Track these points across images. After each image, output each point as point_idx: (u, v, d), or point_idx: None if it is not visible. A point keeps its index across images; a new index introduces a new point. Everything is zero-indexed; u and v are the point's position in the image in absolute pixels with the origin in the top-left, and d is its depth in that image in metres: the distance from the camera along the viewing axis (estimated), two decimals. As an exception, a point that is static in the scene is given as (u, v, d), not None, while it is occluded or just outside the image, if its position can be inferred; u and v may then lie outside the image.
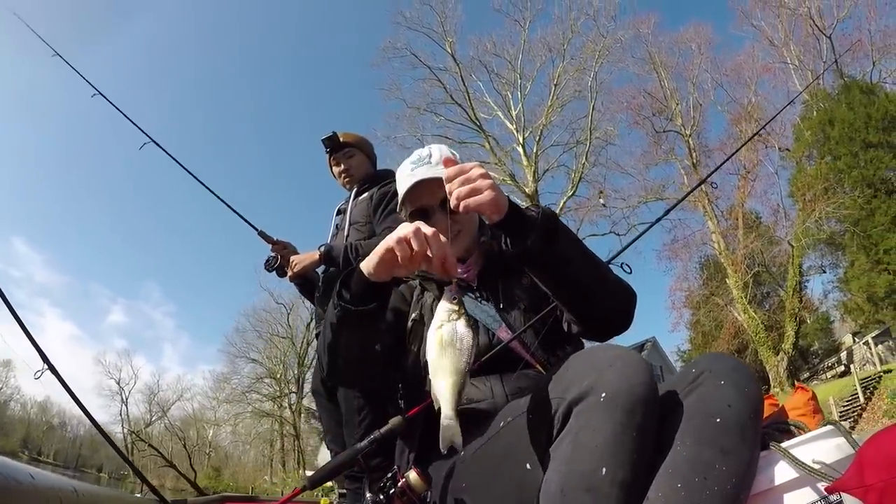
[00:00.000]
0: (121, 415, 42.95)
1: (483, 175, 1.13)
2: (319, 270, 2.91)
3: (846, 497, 0.91)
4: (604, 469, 0.89)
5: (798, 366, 28.99)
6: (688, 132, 29.22)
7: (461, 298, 1.07)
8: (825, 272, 29.22)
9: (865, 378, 19.41)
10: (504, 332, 1.41)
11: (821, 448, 0.99)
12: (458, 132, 30.59)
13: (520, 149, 29.57)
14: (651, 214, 29.33)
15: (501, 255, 1.48)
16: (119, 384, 43.80)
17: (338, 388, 2.51)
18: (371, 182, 2.88)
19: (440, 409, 1.01)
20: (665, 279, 29.36)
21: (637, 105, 30.10)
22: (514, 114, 30.22)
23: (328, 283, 2.77)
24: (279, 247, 2.93)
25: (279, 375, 40.33)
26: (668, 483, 0.92)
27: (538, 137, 29.82)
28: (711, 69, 30.25)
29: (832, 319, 33.63)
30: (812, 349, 33.79)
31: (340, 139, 2.98)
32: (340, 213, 2.99)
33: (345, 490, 2.45)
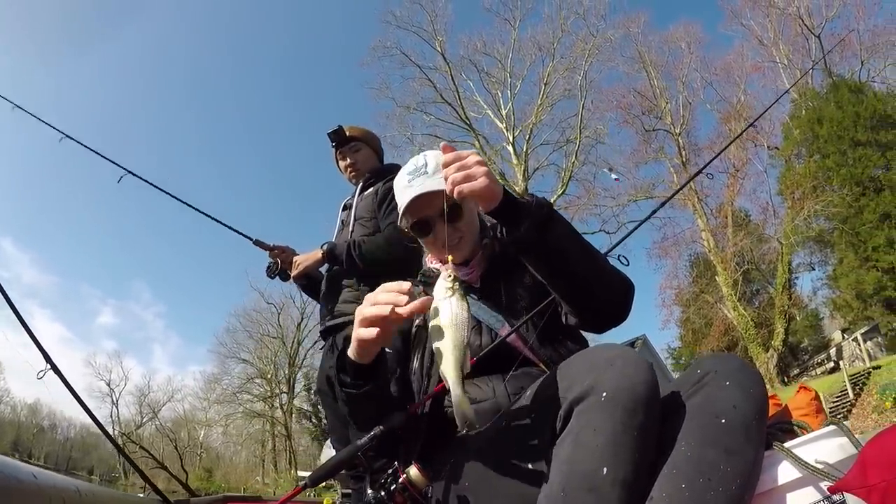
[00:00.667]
0: (111, 417, 42.57)
1: (479, 162, 1.14)
2: (322, 269, 2.88)
3: (849, 497, 0.92)
4: (605, 469, 0.89)
5: (788, 362, 29.22)
6: (677, 131, 29.41)
7: (457, 275, 1.08)
8: (814, 269, 29.52)
9: (854, 374, 19.54)
10: (507, 332, 1.41)
11: (824, 448, 0.99)
12: (448, 131, 30.71)
13: (509, 147, 29.64)
14: (641, 213, 29.51)
15: (504, 256, 1.49)
16: (109, 386, 43.45)
17: None
18: (376, 177, 2.83)
19: (450, 391, 1.02)
20: (655, 277, 29.46)
21: (627, 104, 30.36)
22: (504, 113, 30.33)
23: (331, 282, 2.75)
24: (277, 252, 2.89)
25: (270, 376, 40.15)
26: (672, 483, 0.93)
27: (528, 136, 29.98)
28: (701, 68, 30.58)
29: (821, 316, 33.93)
30: (802, 346, 34.07)
31: (346, 133, 2.95)
32: (346, 209, 2.95)
33: (349, 490, 2.43)
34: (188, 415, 45.03)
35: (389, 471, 1.16)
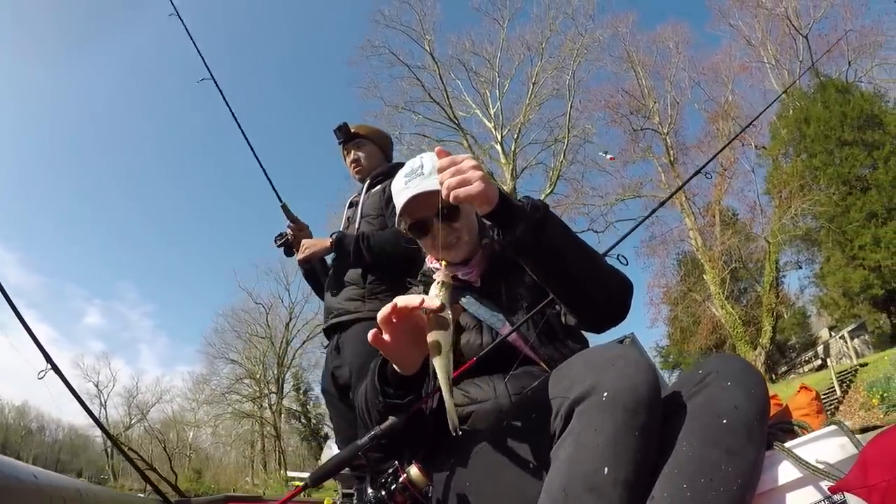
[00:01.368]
0: (100, 419, 42.21)
1: (474, 167, 1.14)
2: (328, 259, 2.89)
3: (850, 497, 0.92)
4: (606, 469, 0.89)
5: (776, 360, 29.47)
6: (665, 130, 29.47)
7: (445, 280, 1.07)
8: (801, 268, 29.77)
9: (842, 371, 19.74)
10: (507, 331, 1.41)
11: (824, 448, 0.99)
12: (437, 130, 30.67)
13: (498, 147, 29.61)
14: (628, 212, 29.53)
15: (504, 256, 1.48)
16: (97, 387, 43.07)
17: (353, 387, 2.46)
18: (384, 175, 2.84)
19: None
20: (643, 275, 29.54)
21: (615, 103, 30.28)
22: (493, 112, 30.29)
23: (335, 279, 2.74)
24: (297, 227, 2.92)
25: (259, 376, 40.04)
26: (674, 483, 0.93)
27: (516, 135, 29.92)
28: (689, 68, 30.56)
29: (809, 314, 34.28)
30: (789, 343, 34.38)
31: (351, 130, 2.96)
32: (352, 206, 2.96)
33: (350, 490, 2.41)
34: (177, 416, 44.75)
35: (390, 470, 1.16)
